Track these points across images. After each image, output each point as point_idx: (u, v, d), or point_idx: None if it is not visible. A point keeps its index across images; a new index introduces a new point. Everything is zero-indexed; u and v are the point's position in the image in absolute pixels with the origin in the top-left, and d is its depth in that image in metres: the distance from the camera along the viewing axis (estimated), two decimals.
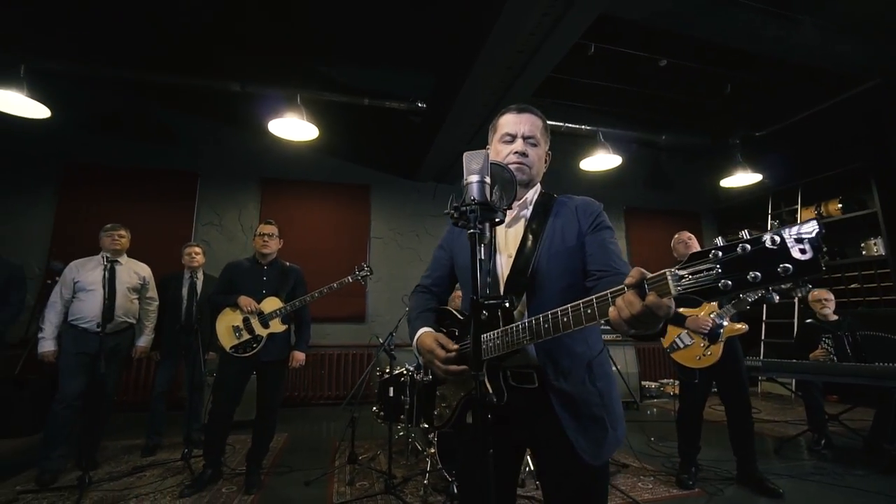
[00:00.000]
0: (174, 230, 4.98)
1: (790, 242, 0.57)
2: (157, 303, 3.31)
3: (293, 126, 4.26)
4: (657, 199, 7.02)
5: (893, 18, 3.91)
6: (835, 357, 3.37)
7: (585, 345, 1.08)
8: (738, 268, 0.61)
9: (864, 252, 5.40)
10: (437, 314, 1.26)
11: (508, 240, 1.17)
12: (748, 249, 0.60)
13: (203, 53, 4.81)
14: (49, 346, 2.83)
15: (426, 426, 2.87)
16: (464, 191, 0.89)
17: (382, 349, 3.18)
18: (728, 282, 0.61)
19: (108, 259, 2.83)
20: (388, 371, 3.19)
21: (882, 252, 5.17)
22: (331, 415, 4.62)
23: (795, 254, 0.56)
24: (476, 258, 0.83)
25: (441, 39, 4.19)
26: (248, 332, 2.67)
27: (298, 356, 2.85)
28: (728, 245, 0.62)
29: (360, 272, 2.98)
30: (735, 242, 0.62)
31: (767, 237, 0.59)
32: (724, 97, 5.35)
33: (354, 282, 2.96)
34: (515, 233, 1.17)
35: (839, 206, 5.59)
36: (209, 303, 2.92)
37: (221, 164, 5.33)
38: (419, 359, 1.25)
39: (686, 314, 2.75)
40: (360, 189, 5.76)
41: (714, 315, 2.69)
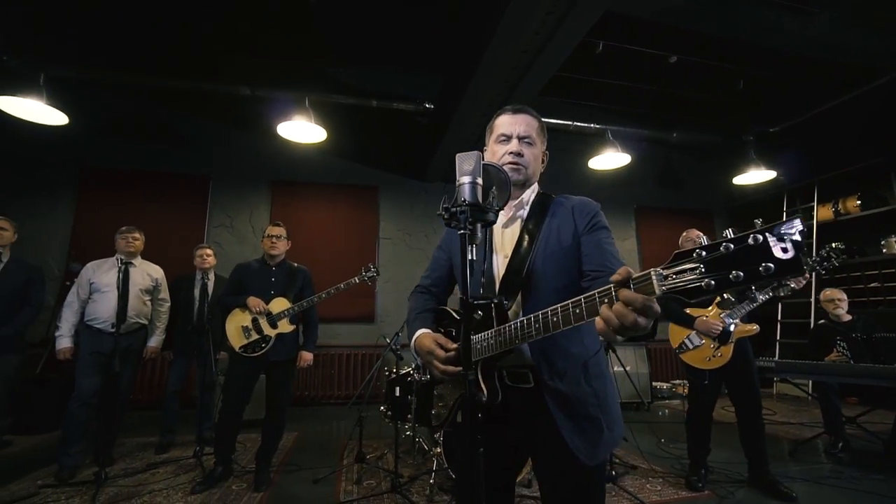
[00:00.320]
0: (187, 232, 5.08)
1: (772, 241, 0.57)
2: (169, 304, 3.39)
3: (302, 129, 4.31)
4: (668, 198, 6.92)
5: None
6: (850, 359, 3.28)
7: (581, 345, 1.08)
8: (722, 267, 0.60)
9: (885, 250, 5.25)
10: (436, 314, 1.27)
11: (505, 240, 1.18)
12: (731, 248, 0.60)
13: (213, 59, 4.91)
14: (66, 343, 2.92)
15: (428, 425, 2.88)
16: (456, 192, 0.90)
17: (389, 349, 3.21)
18: (711, 281, 0.61)
19: (123, 261, 2.92)
20: (395, 371, 3.21)
21: None
22: (340, 414, 4.66)
23: (777, 253, 0.56)
24: (466, 258, 0.83)
25: (447, 40, 4.21)
26: (257, 333, 2.71)
27: (306, 356, 2.90)
28: (712, 244, 0.62)
29: (367, 273, 3.00)
30: (718, 242, 0.61)
31: (751, 236, 0.59)
32: (737, 93, 5.25)
33: (361, 282, 2.99)
34: (512, 233, 1.17)
35: (857, 203, 5.44)
36: (219, 304, 2.98)
37: (232, 167, 5.43)
38: (417, 359, 1.26)
39: (695, 315, 2.72)
40: (369, 190, 5.81)
41: (724, 316, 2.65)
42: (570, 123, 5.24)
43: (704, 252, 0.62)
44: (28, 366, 4.15)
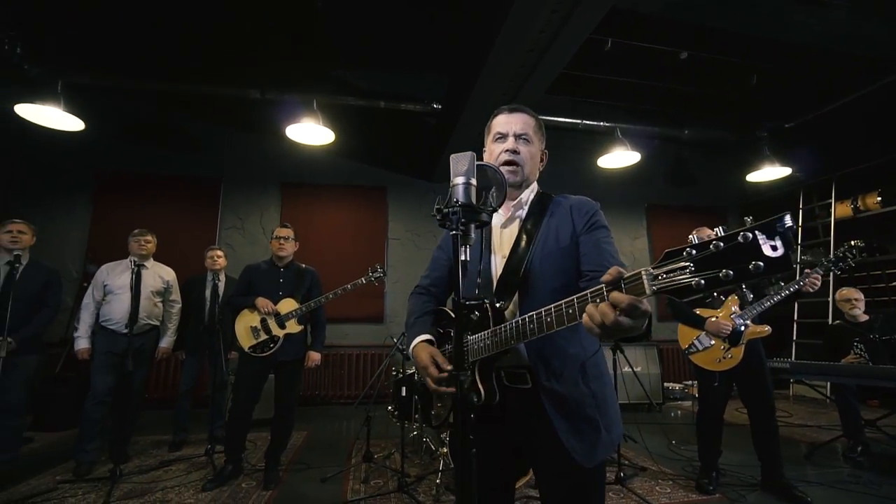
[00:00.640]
0: (199, 234, 5.18)
1: (762, 239, 0.56)
2: (180, 305, 3.45)
3: (310, 131, 4.36)
4: (680, 196, 6.81)
5: None
6: (868, 361, 3.18)
7: (579, 346, 1.07)
8: (712, 266, 0.60)
9: None
10: (435, 315, 1.28)
11: (504, 240, 1.17)
12: (721, 247, 0.59)
13: (223, 64, 4.99)
14: (83, 344, 3.01)
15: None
16: (449, 192, 0.90)
17: (396, 349, 3.22)
18: (701, 280, 0.60)
19: (136, 263, 2.99)
20: (402, 371, 3.22)
21: None
22: (349, 413, 4.69)
23: (767, 251, 0.55)
24: (458, 259, 0.83)
25: (453, 41, 4.21)
26: (266, 333, 2.75)
27: (314, 356, 2.92)
28: (701, 243, 0.61)
29: (374, 273, 3.02)
30: (708, 240, 0.61)
31: (740, 234, 0.58)
32: (749, 89, 5.14)
33: (368, 283, 3.01)
34: (511, 233, 1.17)
35: (878, 200, 5.29)
36: (228, 304, 3.03)
37: (243, 170, 5.51)
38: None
39: (706, 315, 2.67)
40: (377, 191, 5.84)
41: (735, 316, 2.60)
42: (579, 122, 5.20)
43: (694, 251, 0.61)
44: (48, 365, 4.28)
